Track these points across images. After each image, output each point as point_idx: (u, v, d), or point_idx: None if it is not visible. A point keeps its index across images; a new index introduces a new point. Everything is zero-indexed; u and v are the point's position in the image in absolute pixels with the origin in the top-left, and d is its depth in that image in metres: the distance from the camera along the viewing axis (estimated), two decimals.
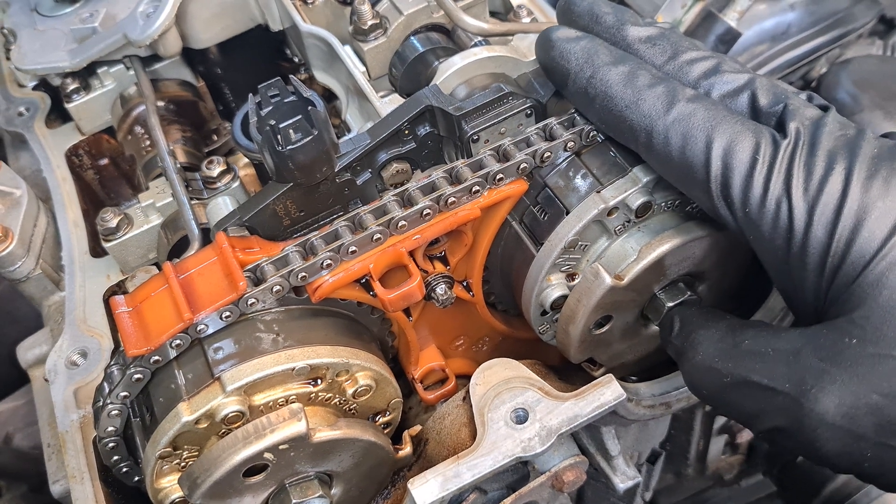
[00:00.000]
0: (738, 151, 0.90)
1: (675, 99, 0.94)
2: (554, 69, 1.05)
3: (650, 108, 0.95)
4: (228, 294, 0.99)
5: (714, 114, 0.93)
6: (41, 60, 1.54)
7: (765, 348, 0.91)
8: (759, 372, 0.90)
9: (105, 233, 1.33)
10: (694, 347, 0.98)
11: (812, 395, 0.85)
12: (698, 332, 0.99)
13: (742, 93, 0.96)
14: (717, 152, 0.91)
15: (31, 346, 1.46)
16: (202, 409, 0.97)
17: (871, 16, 1.94)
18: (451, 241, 1.15)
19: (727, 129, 0.91)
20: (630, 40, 1.03)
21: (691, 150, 0.92)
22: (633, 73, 0.97)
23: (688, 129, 0.92)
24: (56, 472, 1.28)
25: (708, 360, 0.96)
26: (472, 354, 1.35)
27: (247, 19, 1.56)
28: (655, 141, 0.95)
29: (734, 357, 0.93)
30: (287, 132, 1.00)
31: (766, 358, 0.90)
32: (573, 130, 1.07)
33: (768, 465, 1.85)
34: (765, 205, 0.89)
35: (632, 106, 0.96)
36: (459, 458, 1.02)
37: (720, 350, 0.95)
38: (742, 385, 0.92)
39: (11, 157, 1.70)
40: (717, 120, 0.92)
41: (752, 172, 0.89)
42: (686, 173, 0.94)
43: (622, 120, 0.98)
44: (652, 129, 0.95)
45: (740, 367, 0.92)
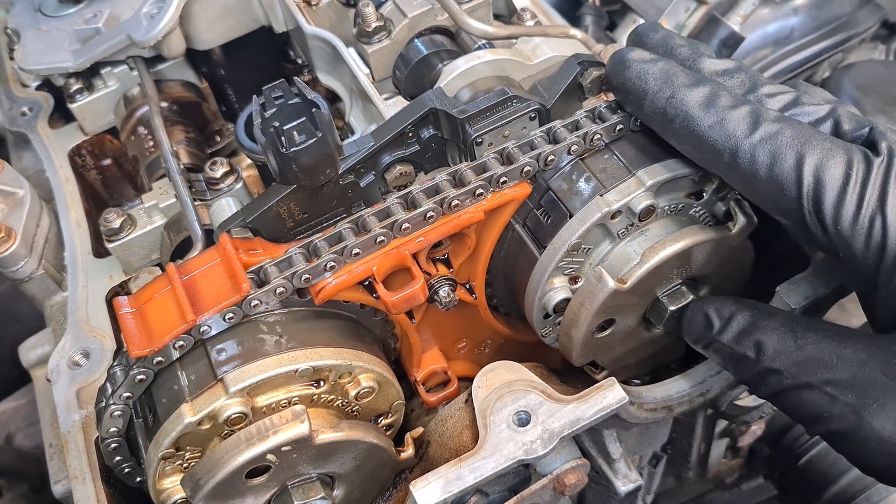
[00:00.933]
0: (831, 168, 0.89)
1: (761, 119, 0.93)
2: (630, 89, 1.03)
3: (735, 127, 0.94)
4: (232, 295, 0.99)
5: (803, 132, 0.92)
6: (45, 60, 1.55)
7: (830, 354, 0.91)
8: (822, 379, 0.90)
9: (108, 233, 1.33)
10: (752, 348, 0.98)
11: (873, 410, 0.86)
12: (752, 332, 0.99)
13: (825, 122, 0.96)
14: (809, 168, 0.90)
15: (33, 347, 1.47)
16: (205, 410, 0.97)
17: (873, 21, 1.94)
18: (454, 244, 1.15)
19: (818, 146, 0.90)
20: (706, 73, 1.02)
21: (780, 168, 0.91)
22: (714, 94, 0.96)
23: (776, 148, 0.92)
24: (58, 472, 1.28)
25: (767, 362, 0.96)
26: (474, 357, 1.35)
27: (250, 21, 1.57)
28: (741, 160, 0.94)
29: (798, 362, 0.93)
30: (291, 134, 1.00)
31: (832, 364, 0.90)
32: (577, 134, 1.07)
33: (769, 469, 1.85)
34: (857, 221, 0.88)
35: (715, 126, 0.95)
36: (461, 460, 1.02)
37: (782, 353, 0.95)
38: (804, 388, 0.92)
39: (14, 156, 1.71)
40: (807, 137, 0.91)
41: (845, 189, 0.88)
42: (775, 191, 0.93)
43: (704, 140, 0.96)
44: (737, 148, 0.94)
45: (804, 373, 0.92)
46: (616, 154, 1.09)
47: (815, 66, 1.93)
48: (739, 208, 1.10)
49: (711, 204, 1.11)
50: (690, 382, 1.21)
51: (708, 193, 1.10)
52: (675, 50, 1.05)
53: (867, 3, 1.95)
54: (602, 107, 1.10)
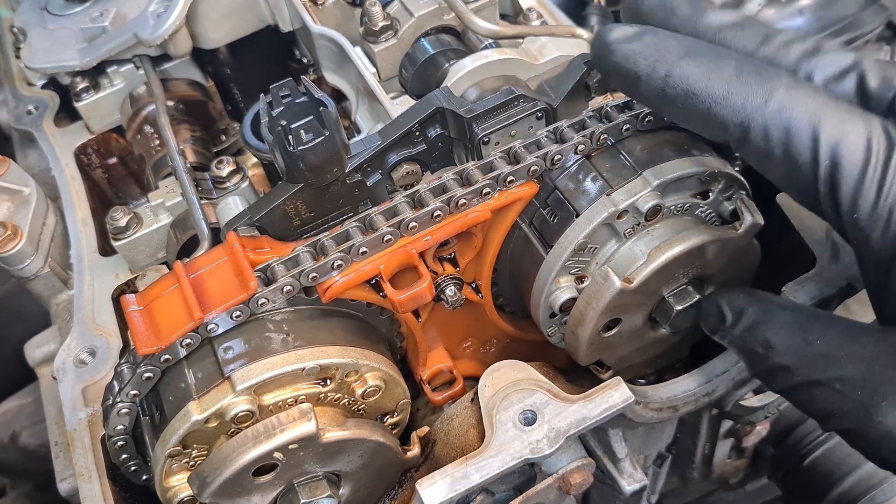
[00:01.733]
0: (849, 148, 0.81)
1: (773, 87, 0.84)
2: (619, 75, 0.93)
3: (744, 100, 0.84)
4: (239, 294, 0.99)
5: (819, 102, 0.83)
6: (51, 59, 1.55)
7: (838, 351, 0.89)
8: (831, 376, 0.88)
9: (114, 231, 1.33)
10: (762, 343, 0.96)
11: (883, 408, 0.84)
12: (762, 327, 0.97)
13: (848, 75, 0.87)
14: (825, 148, 0.81)
15: (38, 345, 1.47)
16: (212, 408, 0.97)
17: (878, 21, 1.94)
18: (460, 243, 1.15)
19: (835, 120, 0.82)
20: (714, 28, 0.92)
21: (795, 146, 0.83)
22: (714, 63, 0.86)
23: (790, 122, 0.83)
24: (63, 470, 1.28)
25: (778, 359, 0.94)
26: (479, 356, 1.35)
27: (257, 20, 1.57)
28: (753, 136, 0.85)
29: (806, 358, 0.92)
30: (298, 133, 1.00)
31: (840, 360, 0.88)
32: (583, 133, 1.07)
33: (773, 470, 1.85)
34: (876, 210, 0.82)
35: (722, 101, 0.85)
36: (468, 459, 1.02)
37: (791, 348, 0.93)
38: (814, 385, 0.90)
39: (20, 155, 1.71)
40: (823, 109, 0.82)
41: (864, 174, 0.81)
42: (789, 172, 0.85)
43: (711, 117, 0.87)
44: (749, 123, 0.84)
45: (813, 370, 0.90)
46: (623, 153, 1.09)
47: None
48: (746, 208, 1.10)
49: (718, 204, 1.12)
50: (696, 382, 1.22)
51: (714, 193, 1.10)
52: (676, 9, 0.95)
53: (872, 4, 1.94)
54: (609, 106, 1.10)
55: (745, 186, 1.12)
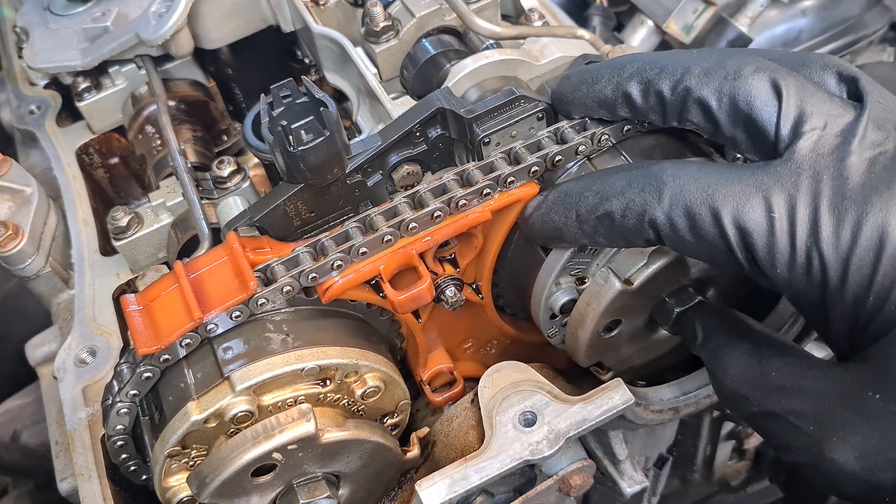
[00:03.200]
0: (749, 213, 0.84)
1: (661, 182, 0.90)
2: (547, 237, 1.06)
3: (642, 203, 0.91)
4: (239, 294, 0.99)
5: (705, 180, 0.87)
6: (53, 59, 1.55)
7: (791, 384, 0.89)
8: (785, 409, 0.88)
9: (115, 231, 1.34)
10: (722, 369, 0.97)
11: (833, 444, 0.83)
12: (724, 352, 0.97)
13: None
14: (728, 221, 0.85)
15: (39, 344, 1.47)
16: (211, 408, 0.97)
17: (882, 22, 1.94)
18: (461, 244, 1.15)
19: (727, 192, 0.86)
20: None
21: (700, 227, 0.87)
22: (608, 185, 0.96)
23: (688, 208, 0.88)
24: (63, 469, 1.28)
25: (736, 386, 0.94)
26: (480, 357, 1.35)
27: (258, 20, 1.57)
28: (663, 231, 0.91)
29: (762, 388, 0.91)
30: (299, 133, 1.00)
31: (793, 394, 0.88)
32: (585, 134, 1.07)
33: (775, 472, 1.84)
34: (795, 262, 0.84)
35: (625, 212, 0.93)
36: (467, 460, 1.02)
37: (748, 377, 0.93)
38: (770, 417, 0.90)
39: (22, 155, 1.71)
40: (712, 184, 0.87)
41: (772, 232, 0.84)
42: (707, 251, 0.89)
43: (626, 230, 0.94)
44: (655, 221, 0.90)
45: (768, 401, 0.90)
46: (624, 155, 1.08)
47: None
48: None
49: None
50: (697, 384, 1.21)
51: None
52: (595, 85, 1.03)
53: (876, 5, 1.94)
54: None
55: None
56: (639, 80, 0.97)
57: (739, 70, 0.90)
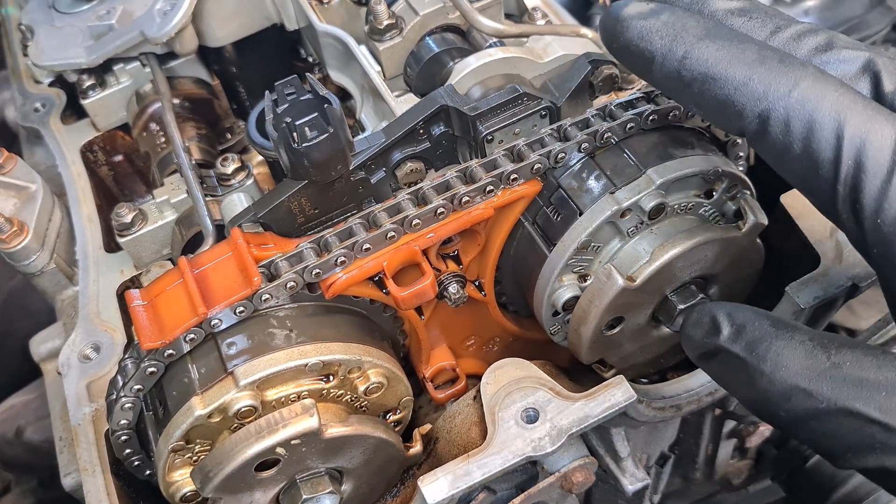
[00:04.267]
0: (875, 148, 0.74)
1: (798, 77, 0.78)
2: (633, 53, 0.86)
3: (766, 88, 0.78)
4: (243, 289, 1.00)
5: (845, 98, 0.77)
6: (58, 57, 1.55)
7: (875, 375, 0.77)
8: (868, 402, 0.76)
9: (120, 228, 1.34)
10: (771, 360, 0.82)
11: None
12: (774, 343, 0.83)
13: (863, 75, 0.81)
14: (850, 146, 0.75)
15: (43, 340, 1.48)
16: (215, 403, 0.97)
17: (885, 23, 1.94)
18: (464, 241, 1.16)
19: (861, 118, 0.75)
20: (721, 13, 0.87)
21: (817, 141, 0.77)
22: (736, 47, 0.80)
23: (813, 115, 0.76)
24: (68, 464, 1.29)
25: (794, 379, 0.80)
26: (482, 354, 1.35)
27: (262, 18, 1.57)
28: (773, 128, 0.79)
29: (834, 381, 0.78)
30: (303, 130, 1.01)
31: (878, 387, 0.76)
32: (587, 132, 1.08)
33: (777, 471, 1.84)
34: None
35: (741, 87, 0.79)
36: (470, 456, 1.02)
37: (812, 369, 0.80)
38: (842, 414, 0.78)
39: (27, 152, 1.71)
40: (850, 106, 0.76)
41: (890, 178, 0.74)
42: (809, 169, 0.78)
43: (729, 104, 0.81)
44: (769, 113, 0.78)
45: (842, 394, 0.78)
46: (626, 152, 1.09)
47: None
48: (749, 208, 1.10)
49: (721, 203, 1.11)
50: (699, 381, 1.22)
51: (718, 193, 1.10)
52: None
53: (878, 6, 1.95)
54: (613, 105, 1.10)
55: (749, 186, 1.12)
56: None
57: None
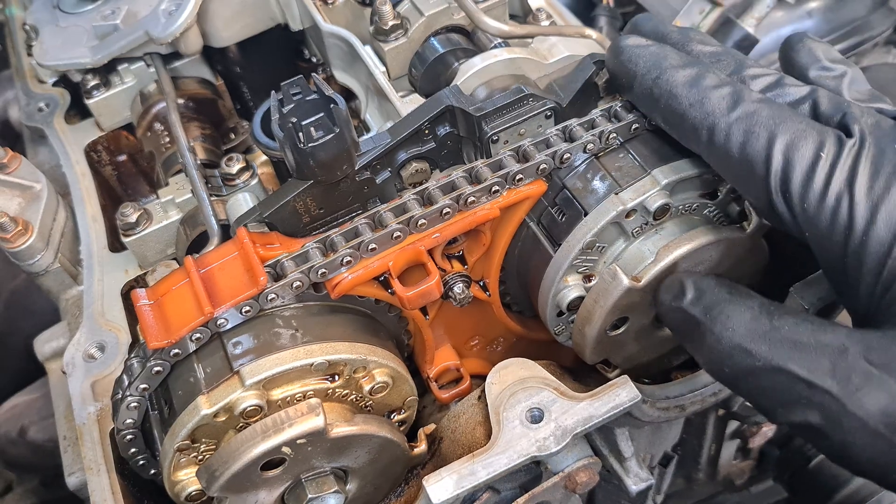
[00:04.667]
0: (801, 148, 0.89)
1: (741, 99, 0.94)
2: (621, 72, 1.06)
3: (714, 106, 0.95)
4: (249, 289, 1.00)
5: (779, 113, 0.92)
6: (62, 56, 1.55)
7: (808, 339, 0.86)
8: (798, 362, 0.85)
9: (124, 227, 1.34)
10: (721, 322, 0.94)
11: (857, 398, 0.81)
12: (725, 307, 0.95)
13: (803, 103, 0.97)
14: (780, 148, 0.90)
15: (48, 340, 1.48)
16: (221, 402, 0.98)
17: (887, 24, 1.94)
18: (469, 241, 1.16)
19: (791, 127, 0.91)
20: (695, 54, 1.05)
21: (752, 147, 0.92)
22: (700, 75, 0.98)
23: (750, 126, 0.92)
24: (72, 464, 1.29)
25: (737, 339, 0.91)
26: (486, 355, 1.36)
27: (267, 19, 1.57)
28: (717, 138, 0.95)
29: (771, 341, 0.88)
30: (309, 129, 1.01)
31: (809, 349, 0.86)
32: (593, 132, 1.08)
33: (779, 471, 1.84)
34: (825, 200, 0.87)
35: (696, 105, 0.96)
36: (474, 456, 1.02)
37: (754, 330, 0.90)
38: (775, 372, 0.87)
39: (30, 152, 1.72)
40: (782, 119, 0.92)
41: (814, 167, 0.88)
42: (745, 169, 0.93)
43: (685, 118, 0.98)
44: (714, 126, 0.95)
45: (777, 354, 0.87)
46: (631, 153, 1.09)
47: None
48: (753, 208, 1.10)
49: (726, 204, 1.12)
50: (703, 382, 1.22)
51: (722, 193, 1.10)
52: (667, 36, 1.08)
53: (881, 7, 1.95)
54: (618, 106, 1.10)
55: None
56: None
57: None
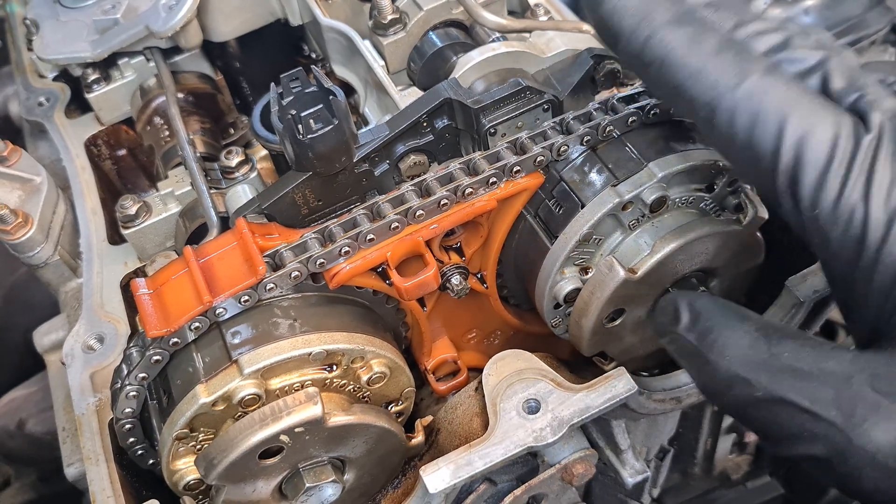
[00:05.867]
0: (814, 142, 0.78)
1: (748, 71, 0.81)
2: (604, 27, 0.90)
3: (717, 79, 0.82)
4: (247, 278, 1.00)
5: (791, 94, 0.80)
6: (63, 51, 1.56)
7: (809, 366, 0.80)
8: (800, 392, 0.80)
9: (124, 220, 1.35)
10: (717, 350, 0.87)
11: (864, 430, 0.76)
12: (722, 333, 0.88)
13: (813, 74, 0.84)
14: (790, 140, 0.79)
15: (47, 332, 1.48)
16: (219, 391, 0.98)
17: (884, 22, 1.95)
18: (466, 233, 1.16)
19: (805, 113, 0.79)
20: (690, 2, 0.89)
21: (760, 134, 0.80)
22: (697, 36, 0.84)
23: (758, 109, 0.80)
24: (71, 455, 1.30)
25: (735, 368, 0.85)
26: (483, 347, 1.36)
27: (267, 13, 1.58)
28: (719, 118, 0.83)
29: (771, 370, 0.82)
30: (308, 121, 1.01)
31: (811, 377, 0.80)
32: (589, 125, 1.08)
33: (775, 467, 1.85)
34: (837, 209, 0.78)
35: (695, 75, 0.83)
36: (471, 446, 1.03)
37: (752, 359, 0.84)
38: (777, 403, 0.81)
39: (31, 146, 1.72)
40: (794, 102, 0.80)
41: (827, 169, 0.78)
42: (751, 159, 0.82)
43: (682, 91, 0.85)
44: (717, 104, 0.82)
45: (777, 384, 0.81)
46: (628, 145, 1.10)
47: None
48: (750, 201, 1.11)
49: (722, 197, 1.12)
50: None
51: (719, 186, 1.11)
52: None
53: (878, 5, 1.95)
54: (615, 99, 1.11)
55: None
56: None
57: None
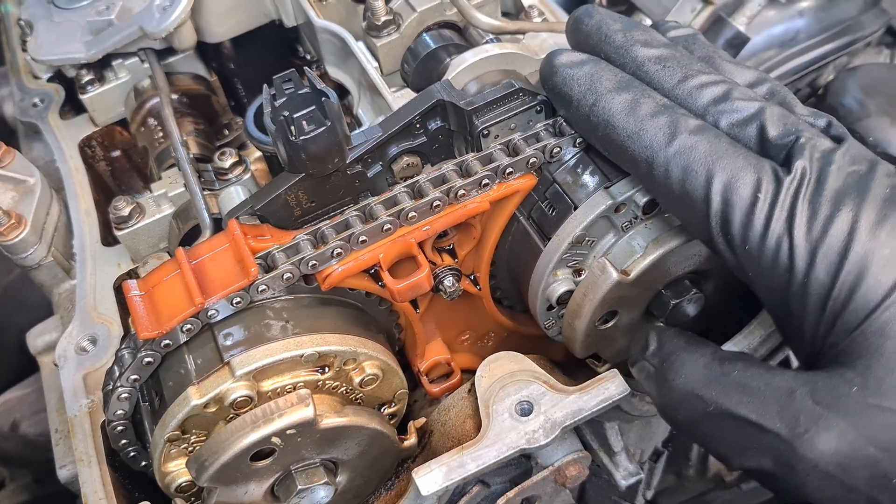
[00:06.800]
0: (739, 187, 0.87)
1: (678, 130, 0.92)
2: (556, 95, 1.03)
3: (651, 138, 0.93)
4: (239, 280, 1.00)
5: (716, 147, 0.90)
6: (57, 52, 1.56)
7: (756, 382, 0.86)
8: (747, 406, 0.85)
9: (117, 221, 1.35)
10: (674, 370, 0.94)
11: (806, 440, 0.81)
12: (680, 355, 0.95)
13: (751, 123, 0.93)
14: (718, 188, 0.88)
15: (40, 333, 1.48)
16: (211, 392, 0.98)
17: (878, 24, 1.96)
18: (459, 234, 1.16)
19: (728, 163, 0.89)
20: (640, 60, 1.00)
21: (691, 184, 0.90)
22: (636, 102, 0.95)
23: (688, 163, 0.90)
24: (63, 456, 1.30)
25: (689, 385, 0.91)
26: (477, 349, 1.36)
27: (261, 15, 1.58)
28: (656, 173, 0.93)
29: (721, 386, 0.89)
30: (300, 123, 1.01)
31: (757, 393, 0.85)
32: None
33: None
34: (765, 243, 0.86)
35: (633, 136, 0.94)
36: (464, 448, 1.03)
37: (705, 377, 0.91)
38: (726, 417, 0.87)
39: (25, 147, 1.72)
40: (719, 154, 0.89)
41: (752, 209, 0.87)
42: (686, 206, 0.92)
43: (624, 150, 0.96)
44: (653, 160, 0.93)
45: (727, 398, 0.87)
46: None
47: (819, 69, 1.95)
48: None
49: None
50: None
51: None
52: (609, 38, 1.02)
53: (872, 7, 1.96)
54: None
55: None
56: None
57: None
